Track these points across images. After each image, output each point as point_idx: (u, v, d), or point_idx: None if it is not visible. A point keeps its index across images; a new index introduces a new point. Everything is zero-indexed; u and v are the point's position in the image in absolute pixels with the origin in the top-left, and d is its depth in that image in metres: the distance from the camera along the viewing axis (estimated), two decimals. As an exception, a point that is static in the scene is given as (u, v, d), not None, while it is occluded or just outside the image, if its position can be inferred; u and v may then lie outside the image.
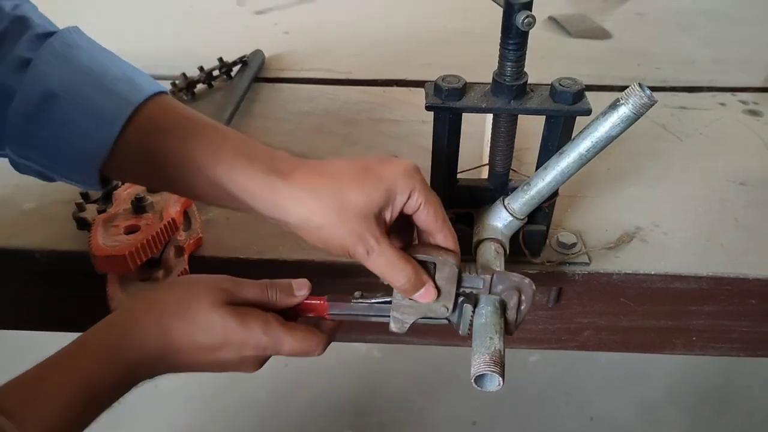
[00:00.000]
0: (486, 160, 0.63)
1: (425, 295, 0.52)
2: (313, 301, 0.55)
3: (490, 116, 0.64)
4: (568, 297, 0.72)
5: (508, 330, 0.53)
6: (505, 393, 1.70)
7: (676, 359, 1.80)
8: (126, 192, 0.64)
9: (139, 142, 0.49)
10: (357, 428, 1.63)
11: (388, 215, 0.50)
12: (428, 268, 0.52)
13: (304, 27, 1.24)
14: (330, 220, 0.48)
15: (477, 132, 0.81)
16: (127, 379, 0.48)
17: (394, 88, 1.02)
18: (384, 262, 0.50)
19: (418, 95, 0.57)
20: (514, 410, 1.67)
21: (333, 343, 0.56)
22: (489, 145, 0.61)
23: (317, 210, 0.48)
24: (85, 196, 0.69)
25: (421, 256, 0.52)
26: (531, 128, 0.67)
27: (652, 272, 0.65)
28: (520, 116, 0.59)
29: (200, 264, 0.65)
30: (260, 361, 0.53)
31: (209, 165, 0.49)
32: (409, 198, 0.50)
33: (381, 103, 0.98)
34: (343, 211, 0.48)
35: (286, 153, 0.52)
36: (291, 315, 0.55)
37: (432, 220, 0.52)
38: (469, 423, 1.65)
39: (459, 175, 0.63)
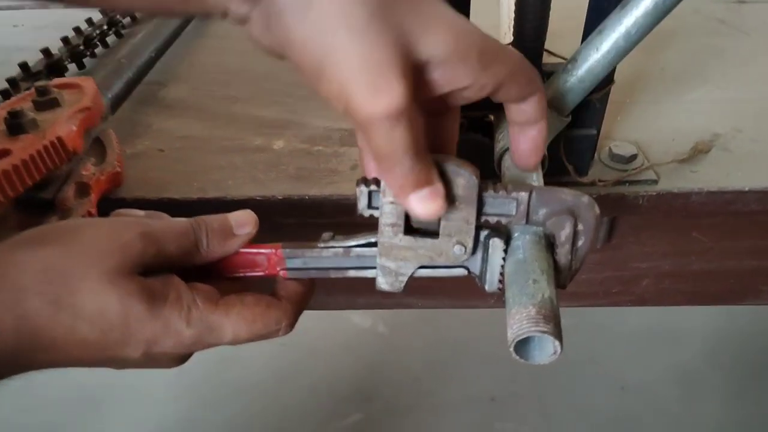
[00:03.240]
0: (506, 36, 0.44)
1: (429, 196, 0.32)
2: (261, 251, 0.37)
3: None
4: (622, 233, 0.54)
5: (560, 281, 0.36)
6: (525, 365, 1.53)
7: (713, 316, 1.63)
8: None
9: None
10: (363, 413, 1.47)
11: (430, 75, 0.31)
12: None
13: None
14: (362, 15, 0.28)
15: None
16: None
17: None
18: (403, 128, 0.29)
19: None
20: (536, 384, 1.52)
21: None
22: (513, 11, 0.42)
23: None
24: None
25: None
26: (566, 8, 0.49)
27: (746, 188, 0.47)
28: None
29: (116, 207, 0.47)
30: (183, 358, 0.36)
31: None
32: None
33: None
34: (374, 19, 0.28)
35: None
36: (232, 274, 0.38)
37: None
38: (487, 400, 1.49)
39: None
